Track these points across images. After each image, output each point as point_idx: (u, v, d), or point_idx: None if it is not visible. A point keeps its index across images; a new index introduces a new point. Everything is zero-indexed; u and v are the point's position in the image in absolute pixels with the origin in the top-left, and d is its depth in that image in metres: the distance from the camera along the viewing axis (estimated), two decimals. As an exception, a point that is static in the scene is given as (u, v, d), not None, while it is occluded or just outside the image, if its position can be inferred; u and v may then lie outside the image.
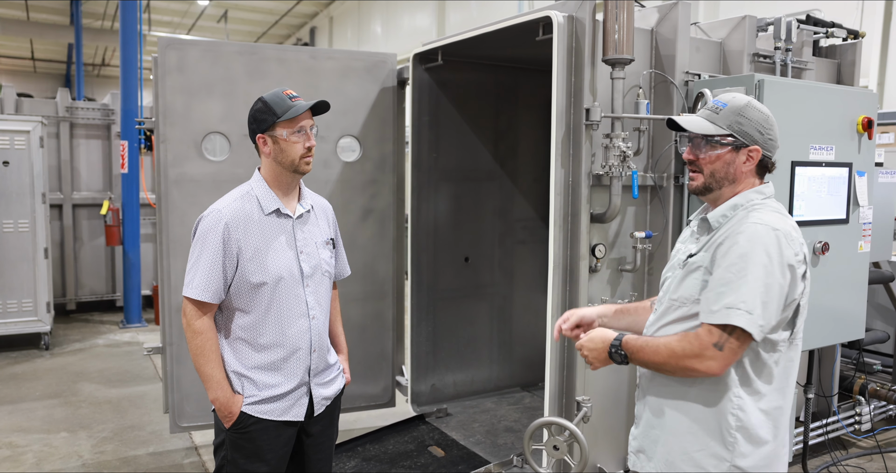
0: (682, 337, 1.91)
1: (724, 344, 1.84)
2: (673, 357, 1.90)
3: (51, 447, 4.70)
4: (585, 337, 2.11)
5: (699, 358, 1.86)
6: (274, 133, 2.38)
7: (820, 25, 4.26)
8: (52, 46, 23.80)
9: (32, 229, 6.92)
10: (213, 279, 2.32)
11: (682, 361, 1.88)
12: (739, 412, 1.93)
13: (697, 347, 1.86)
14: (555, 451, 2.51)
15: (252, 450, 2.41)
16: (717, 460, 1.96)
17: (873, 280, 4.32)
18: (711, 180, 2.02)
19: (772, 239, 1.86)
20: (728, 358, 1.85)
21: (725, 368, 1.87)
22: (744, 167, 2.00)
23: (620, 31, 3.17)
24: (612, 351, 2.03)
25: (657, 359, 1.94)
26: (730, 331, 1.83)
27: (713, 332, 1.85)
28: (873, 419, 4.72)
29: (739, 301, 1.82)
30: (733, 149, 1.99)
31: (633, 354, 1.99)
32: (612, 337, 2.05)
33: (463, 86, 4.76)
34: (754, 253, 1.85)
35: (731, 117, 1.98)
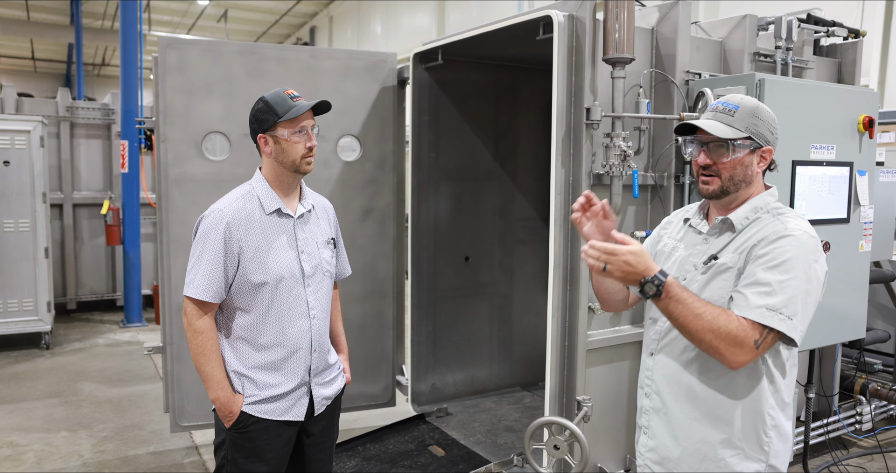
0: (734, 320, 1.82)
1: (762, 343, 1.83)
2: (712, 331, 1.80)
3: (51, 446, 4.70)
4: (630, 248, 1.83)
5: (738, 345, 1.80)
6: (275, 133, 2.37)
7: (821, 24, 4.26)
8: (52, 46, 23.79)
9: (33, 229, 6.93)
10: (214, 278, 2.32)
11: (719, 342, 1.80)
12: (773, 411, 1.96)
13: (742, 337, 1.80)
14: (555, 451, 2.51)
15: (252, 450, 2.41)
16: (753, 462, 1.96)
17: (874, 279, 4.31)
18: (730, 184, 1.98)
19: (815, 249, 1.89)
20: (756, 357, 1.85)
21: (746, 364, 1.85)
22: (758, 168, 2.00)
23: (621, 30, 3.16)
24: (650, 279, 1.82)
25: (695, 323, 1.81)
26: (768, 332, 1.83)
27: (756, 328, 1.82)
28: (874, 418, 4.71)
29: (783, 305, 1.82)
30: (750, 151, 1.97)
31: (671, 300, 1.83)
32: (657, 267, 1.85)
33: (463, 86, 4.76)
34: (801, 259, 1.86)
35: (747, 119, 1.96)
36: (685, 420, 2.02)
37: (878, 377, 5.00)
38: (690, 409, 2.01)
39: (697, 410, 2.00)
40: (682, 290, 1.85)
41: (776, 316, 1.81)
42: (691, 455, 2.01)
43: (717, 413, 1.97)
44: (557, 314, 3.38)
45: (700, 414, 2.00)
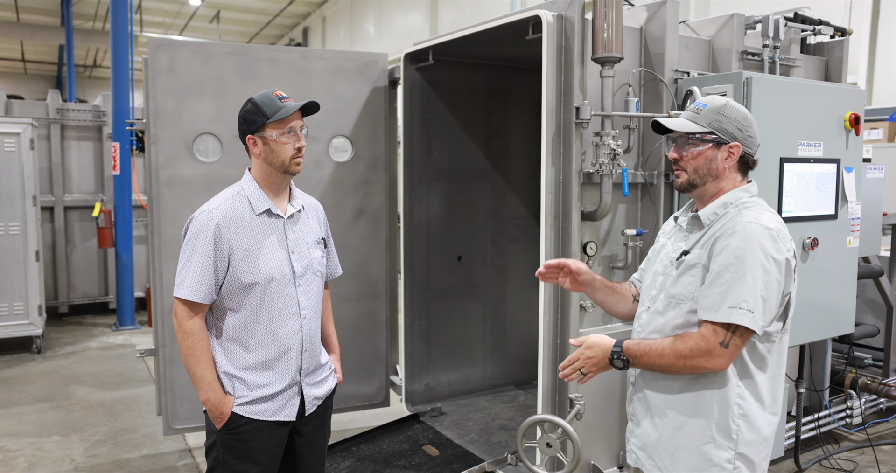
0: (687, 338, 1.97)
1: (730, 342, 1.92)
2: (680, 358, 1.96)
3: (43, 451, 4.69)
4: (584, 346, 2.14)
5: (707, 356, 1.93)
6: (264, 134, 2.38)
7: (807, 23, 4.29)
8: (42, 48, 23.70)
9: (23, 232, 6.90)
10: (204, 279, 2.33)
11: (690, 361, 1.95)
12: (741, 400, 2.02)
13: (705, 347, 1.93)
14: (548, 449, 2.52)
15: (243, 451, 2.41)
16: (722, 450, 2.02)
17: (863, 275, 4.35)
18: (695, 176, 2.11)
19: (767, 238, 1.94)
20: (733, 354, 1.94)
21: (730, 363, 1.96)
22: (725, 163, 2.09)
23: (609, 29, 3.18)
24: (612, 358, 2.07)
25: (663, 362, 1.99)
26: (733, 330, 1.92)
27: (718, 331, 1.93)
28: (864, 412, 4.75)
29: (741, 300, 1.90)
30: (714, 145, 2.08)
31: (636, 359, 2.04)
32: (611, 343, 2.09)
33: (454, 86, 4.77)
34: (751, 252, 1.93)
35: (711, 116, 2.08)
36: (661, 406, 2.13)
37: (867, 371, 5.04)
38: (665, 397, 2.12)
39: (671, 398, 2.11)
40: (637, 345, 2.05)
41: (736, 312, 1.90)
42: (668, 441, 2.11)
43: (688, 401, 2.07)
44: (549, 312, 3.39)
45: (673, 402, 2.10)
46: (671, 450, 2.10)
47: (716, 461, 2.03)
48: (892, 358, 4.98)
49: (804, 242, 3.61)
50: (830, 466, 4.31)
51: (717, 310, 1.93)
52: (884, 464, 4.32)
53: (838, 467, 4.30)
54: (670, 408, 2.10)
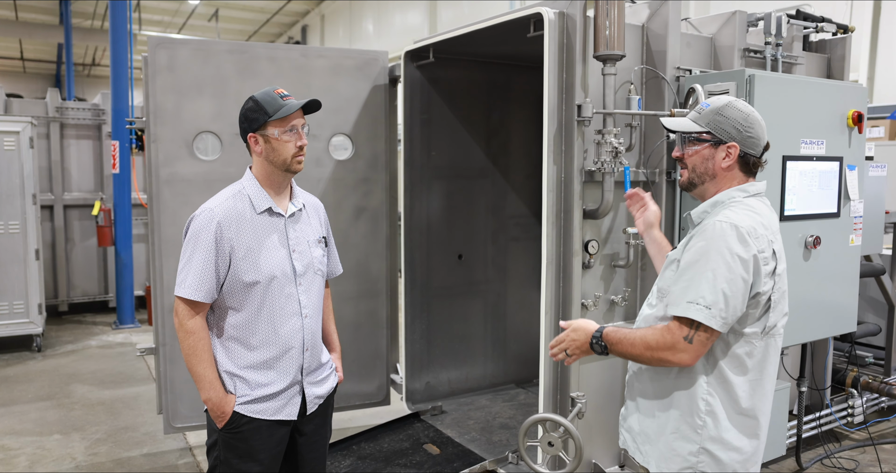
0: (656, 331, 2.01)
1: (693, 337, 1.95)
2: (648, 349, 2.00)
3: (44, 449, 4.68)
4: (571, 328, 2.20)
5: (672, 350, 1.96)
6: (265, 132, 2.37)
7: (810, 20, 4.28)
8: (41, 46, 23.67)
9: (23, 230, 6.88)
10: (205, 278, 2.32)
11: (657, 353, 1.99)
12: (709, 397, 2.04)
13: (670, 340, 1.97)
14: (550, 448, 2.51)
15: (245, 450, 2.41)
16: (686, 442, 2.07)
17: (865, 273, 4.34)
18: (693, 175, 2.15)
19: (731, 235, 1.95)
20: (698, 350, 1.96)
21: (697, 358, 1.98)
22: (723, 163, 2.10)
23: (611, 27, 3.17)
24: (593, 342, 2.13)
25: (634, 351, 2.04)
26: (696, 325, 1.94)
27: (682, 326, 1.96)
28: (866, 411, 4.74)
29: (699, 296, 1.93)
30: (712, 145, 2.10)
31: (612, 345, 2.09)
32: (594, 328, 2.15)
33: (455, 84, 4.76)
34: (716, 249, 1.95)
35: (710, 116, 2.10)
36: (641, 396, 2.20)
37: (869, 370, 5.03)
38: (645, 387, 2.18)
39: (648, 388, 2.17)
40: (615, 332, 2.10)
41: (693, 308, 1.93)
42: (647, 427, 2.17)
43: (661, 393, 2.12)
44: (550, 311, 3.38)
45: (650, 392, 2.16)
46: (650, 437, 2.16)
47: (679, 452, 2.07)
48: (893, 357, 4.97)
49: (806, 240, 3.60)
50: (832, 465, 4.31)
51: (678, 305, 1.97)
52: (885, 463, 4.31)
53: (840, 466, 4.29)
54: (647, 398, 2.17)
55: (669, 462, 2.10)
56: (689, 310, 1.93)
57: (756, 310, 2.00)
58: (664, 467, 2.11)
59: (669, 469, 2.09)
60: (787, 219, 3.51)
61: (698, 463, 2.05)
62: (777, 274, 2.02)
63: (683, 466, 2.07)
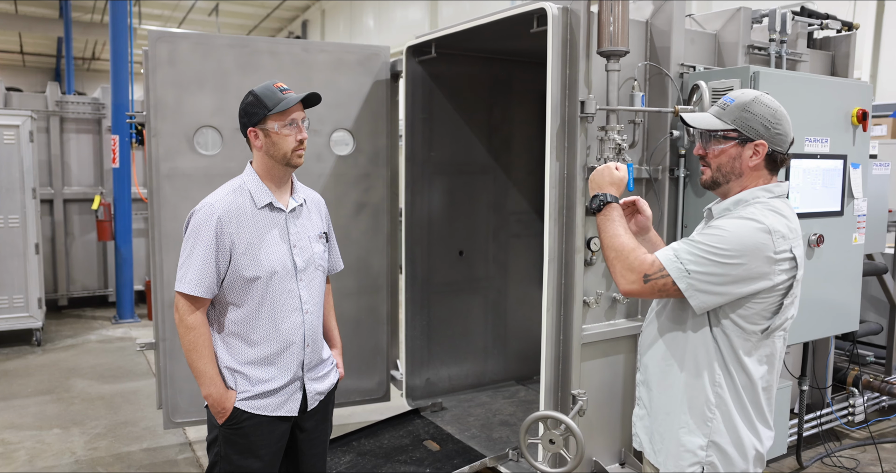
0: (640, 252, 2.01)
1: (651, 279, 1.95)
2: (615, 249, 2.04)
3: (43, 443, 4.67)
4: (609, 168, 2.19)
5: (629, 270, 1.99)
6: (265, 126, 2.35)
7: (814, 17, 4.26)
8: (41, 40, 23.62)
9: (23, 225, 6.87)
10: (206, 273, 2.30)
11: (617, 260, 2.02)
12: (719, 389, 2.02)
13: (636, 265, 1.98)
14: (551, 445, 2.51)
15: (245, 446, 2.40)
16: (695, 436, 2.04)
17: (867, 272, 4.32)
18: (718, 174, 2.08)
19: (752, 229, 1.92)
20: (644, 293, 1.98)
21: (636, 296, 2.01)
22: (750, 161, 2.03)
23: (615, 22, 3.15)
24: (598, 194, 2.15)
25: (607, 241, 2.08)
26: (664, 275, 1.94)
27: (655, 264, 1.96)
28: (867, 410, 4.74)
29: (688, 258, 1.93)
30: (739, 143, 2.03)
31: (606, 216, 2.11)
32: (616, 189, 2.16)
33: (457, 79, 4.74)
34: (733, 234, 1.92)
35: (736, 112, 2.03)
36: (656, 391, 2.16)
37: (870, 369, 5.02)
38: (659, 381, 2.15)
39: (662, 382, 2.13)
40: (618, 215, 2.10)
41: (674, 263, 1.93)
42: (660, 424, 2.14)
43: (674, 387, 2.09)
44: (552, 308, 3.37)
45: (664, 387, 2.13)
46: (663, 433, 2.13)
47: (689, 446, 2.05)
48: (894, 356, 4.96)
49: (810, 239, 3.58)
50: (832, 464, 4.30)
51: (666, 251, 1.98)
52: (886, 462, 4.31)
53: (840, 464, 4.29)
54: (661, 392, 2.14)
55: (680, 460, 2.07)
56: (665, 257, 1.96)
57: (768, 308, 1.96)
58: (675, 465, 2.08)
59: (680, 467, 2.07)
60: (791, 216, 3.49)
61: (707, 457, 2.02)
62: (796, 279, 1.98)
63: (692, 461, 2.05)
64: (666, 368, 2.11)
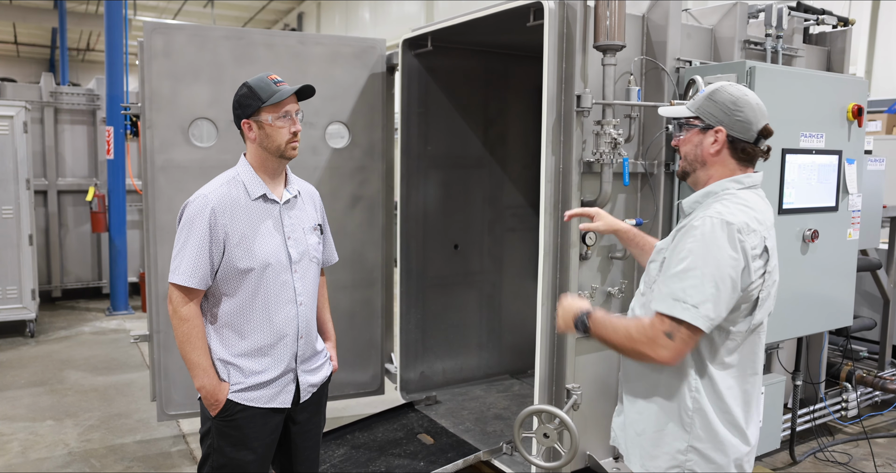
0: (641, 323, 1.94)
1: (675, 334, 1.87)
2: (629, 340, 1.94)
3: (36, 435, 4.67)
4: (567, 299, 2.16)
5: (651, 345, 1.89)
6: (259, 118, 2.35)
7: (810, 13, 4.26)
8: (35, 30, 23.48)
9: (17, 216, 6.84)
10: (199, 265, 2.30)
11: (636, 346, 1.92)
12: (697, 394, 1.99)
13: (651, 334, 1.89)
14: (545, 439, 2.51)
15: (239, 438, 2.40)
16: (676, 439, 2.02)
17: (861, 267, 4.34)
18: (685, 163, 2.10)
19: (722, 233, 1.87)
20: (679, 348, 1.87)
21: (678, 357, 1.89)
22: (711, 148, 2.02)
23: (612, 17, 3.14)
24: (577, 319, 2.07)
25: (615, 339, 1.98)
26: (679, 322, 1.86)
27: (664, 321, 1.88)
28: (860, 405, 4.76)
29: (687, 295, 1.86)
30: (700, 130, 2.04)
31: (595, 327, 2.03)
32: (585, 306, 2.10)
33: (453, 73, 4.72)
34: (704, 246, 1.88)
35: (700, 101, 2.05)
36: (630, 394, 2.16)
37: (863, 364, 5.05)
38: (635, 384, 2.14)
39: (636, 385, 2.12)
40: (603, 316, 2.04)
41: (679, 306, 1.86)
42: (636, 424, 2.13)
43: (648, 390, 2.08)
44: (547, 302, 3.37)
45: (639, 389, 2.11)
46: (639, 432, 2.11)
47: (665, 449, 2.03)
48: (887, 351, 4.99)
49: (804, 234, 3.59)
50: (825, 458, 4.33)
51: (664, 301, 1.89)
52: (878, 457, 4.33)
53: (833, 459, 4.31)
54: (636, 395, 2.12)
55: (655, 460, 2.04)
56: (674, 308, 1.86)
57: (746, 305, 1.94)
58: (649, 465, 2.06)
59: (656, 467, 2.04)
60: (786, 212, 3.50)
61: (687, 462, 1.99)
62: (768, 271, 1.95)
63: (671, 464, 2.01)
64: (642, 369, 2.09)
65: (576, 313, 2.08)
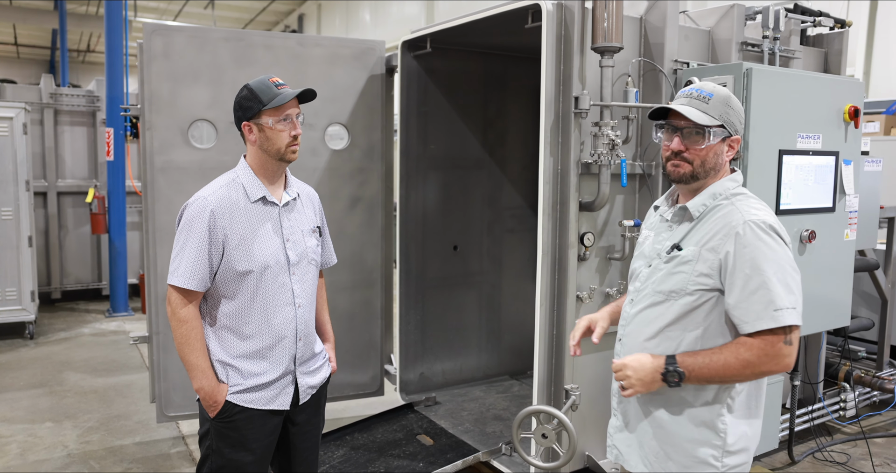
0: (749, 346, 1.89)
1: (791, 338, 1.90)
2: (749, 367, 1.89)
3: (35, 437, 4.67)
4: (630, 359, 2.04)
5: (776, 358, 1.88)
6: (259, 121, 2.35)
7: (807, 14, 4.27)
8: (35, 32, 23.48)
9: (16, 217, 6.85)
10: (198, 267, 2.31)
11: (760, 368, 1.89)
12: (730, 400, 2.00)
13: (772, 351, 1.88)
14: (543, 439, 2.52)
15: (237, 439, 2.40)
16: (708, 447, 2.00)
17: (859, 268, 4.35)
18: (701, 170, 2.02)
19: (770, 234, 1.92)
20: (796, 349, 1.91)
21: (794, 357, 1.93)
22: (726, 157, 2.05)
23: (609, 18, 3.15)
24: (667, 371, 1.95)
25: (729, 373, 1.91)
26: (790, 328, 1.89)
27: (777, 334, 1.88)
28: (858, 405, 4.77)
29: (781, 302, 1.87)
30: (722, 140, 2.02)
31: (694, 372, 1.93)
32: (662, 359, 1.98)
33: (452, 74, 4.74)
34: (763, 253, 1.89)
35: (720, 107, 1.99)
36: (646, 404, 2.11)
37: (862, 364, 5.05)
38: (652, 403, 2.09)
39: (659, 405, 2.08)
40: (694, 357, 1.94)
41: (785, 314, 1.87)
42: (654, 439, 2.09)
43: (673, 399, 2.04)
44: (545, 303, 3.38)
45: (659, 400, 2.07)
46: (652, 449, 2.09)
47: (702, 458, 2.01)
48: (885, 351, 5.00)
49: (802, 235, 3.60)
50: (823, 458, 4.33)
51: (764, 318, 1.87)
52: (876, 457, 4.34)
53: (831, 459, 4.32)
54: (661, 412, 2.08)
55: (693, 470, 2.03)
56: (782, 318, 1.86)
57: None
58: None
59: None
60: (783, 213, 3.51)
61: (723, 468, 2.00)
62: None
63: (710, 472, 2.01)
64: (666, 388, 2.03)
65: (657, 368, 1.97)
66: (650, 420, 2.10)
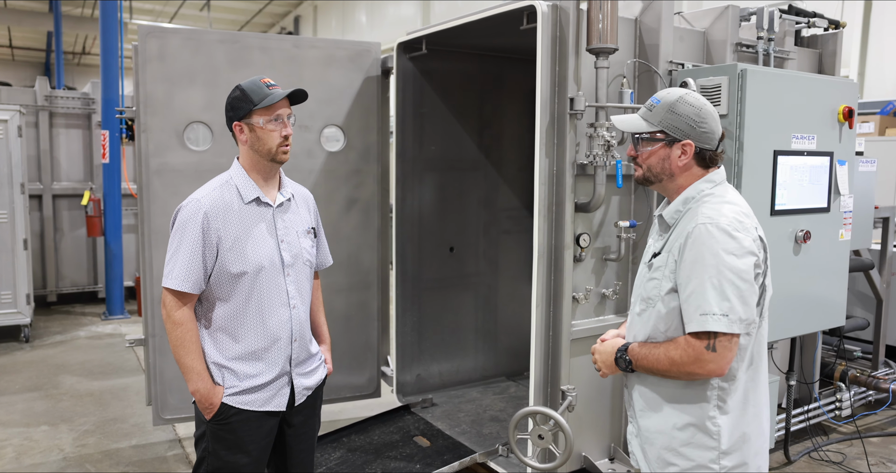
0: (678, 346, 1.95)
1: (715, 345, 1.89)
2: (674, 365, 1.95)
3: (31, 440, 4.66)
4: (599, 345, 2.24)
5: (698, 362, 1.91)
6: (250, 121, 2.36)
7: (802, 15, 4.29)
8: (30, 34, 23.44)
9: (11, 220, 6.83)
10: (192, 269, 2.30)
11: (684, 368, 1.94)
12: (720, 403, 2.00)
13: (693, 354, 1.91)
14: (540, 440, 2.52)
15: (233, 441, 2.40)
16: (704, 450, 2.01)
17: (854, 268, 4.36)
18: (649, 174, 2.10)
19: (720, 237, 1.90)
20: (724, 357, 1.90)
21: (727, 365, 1.92)
22: (679, 161, 2.05)
23: (604, 20, 3.16)
24: (617, 357, 2.12)
25: (660, 367, 1.99)
26: (715, 334, 1.89)
27: (700, 337, 1.90)
28: (853, 405, 4.78)
29: (712, 306, 1.88)
30: (666, 144, 2.04)
31: (637, 361, 2.06)
32: (618, 343, 2.16)
33: (447, 76, 4.74)
34: (707, 255, 1.90)
35: (661, 114, 2.04)
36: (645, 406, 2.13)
37: (857, 364, 5.07)
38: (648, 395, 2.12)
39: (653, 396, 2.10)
40: (640, 348, 2.07)
41: (710, 319, 1.88)
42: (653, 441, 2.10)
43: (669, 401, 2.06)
44: (542, 304, 3.38)
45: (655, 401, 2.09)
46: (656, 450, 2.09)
47: (699, 461, 2.01)
48: (880, 351, 5.01)
49: (796, 235, 3.61)
50: (819, 458, 4.34)
51: (693, 321, 1.90)
52: (872, 456, 4.35)
53: (827, 459, 4.33)
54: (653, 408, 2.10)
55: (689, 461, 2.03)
56: (706, 323, 1.87)
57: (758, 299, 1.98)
58: None
59: None
60: (778, 213, 3.52)
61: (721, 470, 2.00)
62: (766, 261, 2.01)
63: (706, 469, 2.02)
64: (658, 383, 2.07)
65: (612, 353, 2.14)
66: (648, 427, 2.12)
